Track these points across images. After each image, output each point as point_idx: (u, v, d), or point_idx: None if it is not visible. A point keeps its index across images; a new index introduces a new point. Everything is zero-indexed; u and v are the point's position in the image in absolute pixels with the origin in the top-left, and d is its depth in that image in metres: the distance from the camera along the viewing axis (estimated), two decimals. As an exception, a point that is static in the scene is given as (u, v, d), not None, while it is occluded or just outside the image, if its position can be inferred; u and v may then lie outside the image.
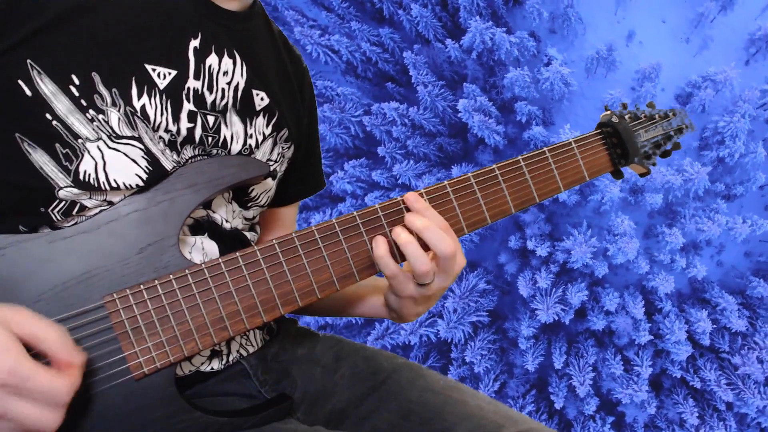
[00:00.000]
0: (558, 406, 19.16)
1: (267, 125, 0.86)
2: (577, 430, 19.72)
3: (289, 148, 0.92)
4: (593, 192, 18.61)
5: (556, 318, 18.36)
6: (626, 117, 1.01)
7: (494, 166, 0.87)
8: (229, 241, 0.83)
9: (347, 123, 18.20)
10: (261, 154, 0.86)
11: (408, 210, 0.80)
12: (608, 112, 1.01)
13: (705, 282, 20.31)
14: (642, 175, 1.04)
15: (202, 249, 0.79)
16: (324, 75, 19.31)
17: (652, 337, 19.50)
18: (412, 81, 18.08)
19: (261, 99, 0.84)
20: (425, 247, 0.78)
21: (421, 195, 0.81)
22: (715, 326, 19.57)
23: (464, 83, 18.50)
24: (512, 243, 19.06)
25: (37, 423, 0.56)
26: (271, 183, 0.91)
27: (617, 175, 1.01)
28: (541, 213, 19.22)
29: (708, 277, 20.33)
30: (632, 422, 20.33)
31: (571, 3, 17.85)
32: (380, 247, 0.77)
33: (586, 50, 19.17)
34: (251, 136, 0.84)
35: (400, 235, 0.77)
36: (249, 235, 0.90)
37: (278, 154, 0.90)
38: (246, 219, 0.90)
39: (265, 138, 0.86)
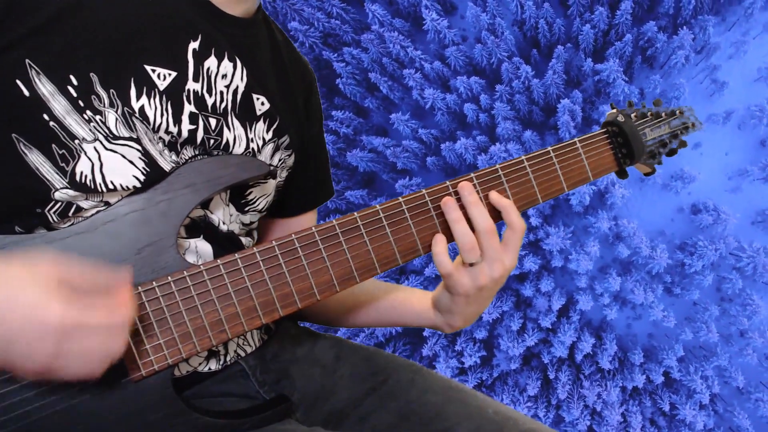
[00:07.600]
0: (462, 316, 24.77)
1: (267, 131, 0.84)
2: (461, 340, 24.19)
3: (290, 155, 0.89)
4: (591, 214, 23.15)
5: (507, 266, 23.89)
6: (632, 115, 0.97)
7: (497, 165, 0.84)
8: (225, 243, 0.81)
9: (493, 56, 24.29)
10: (263, 159, 0.84)
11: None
12: (614, 111, 0.97)
13: (609, 325, 24.47)
14: (646, 174, 1.01)
15: (196, 251, 0.77)
16: (505, 17, 24.10)
17: (550, 327, 23.91)
18: (549, 64, 24.01)
19: (261, 104, 0.82)
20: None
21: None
22: (591, 354, 23.88)
23: (576, 89, 23.63)
24: (520, 202, 24.28)
25: (105, 353, 0.57)
26: (270, 187, 0.88)
27: (622, 174, 0.98)
28: (552, 200, 24.42)
29: (614, 324, 24.49)
30: (495, 365, 24.79)
31: (679, 96, 22.25)
32: (439, 244, 0.79)
33: (662, 131, 24.06)
34: (252, 141, 0.82)
35: (449, 207, 0.79)
36: (245, 240, 0.87)
37: (279, 160, 0.88)
38: (243, 224, 0.86)
39: (265, 143, 0.84)
